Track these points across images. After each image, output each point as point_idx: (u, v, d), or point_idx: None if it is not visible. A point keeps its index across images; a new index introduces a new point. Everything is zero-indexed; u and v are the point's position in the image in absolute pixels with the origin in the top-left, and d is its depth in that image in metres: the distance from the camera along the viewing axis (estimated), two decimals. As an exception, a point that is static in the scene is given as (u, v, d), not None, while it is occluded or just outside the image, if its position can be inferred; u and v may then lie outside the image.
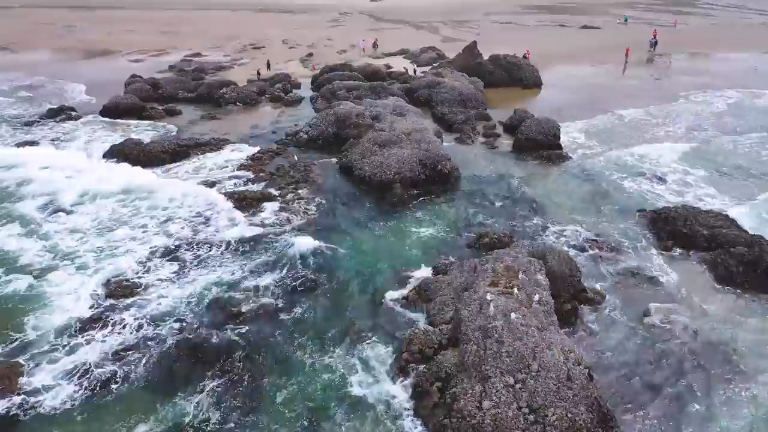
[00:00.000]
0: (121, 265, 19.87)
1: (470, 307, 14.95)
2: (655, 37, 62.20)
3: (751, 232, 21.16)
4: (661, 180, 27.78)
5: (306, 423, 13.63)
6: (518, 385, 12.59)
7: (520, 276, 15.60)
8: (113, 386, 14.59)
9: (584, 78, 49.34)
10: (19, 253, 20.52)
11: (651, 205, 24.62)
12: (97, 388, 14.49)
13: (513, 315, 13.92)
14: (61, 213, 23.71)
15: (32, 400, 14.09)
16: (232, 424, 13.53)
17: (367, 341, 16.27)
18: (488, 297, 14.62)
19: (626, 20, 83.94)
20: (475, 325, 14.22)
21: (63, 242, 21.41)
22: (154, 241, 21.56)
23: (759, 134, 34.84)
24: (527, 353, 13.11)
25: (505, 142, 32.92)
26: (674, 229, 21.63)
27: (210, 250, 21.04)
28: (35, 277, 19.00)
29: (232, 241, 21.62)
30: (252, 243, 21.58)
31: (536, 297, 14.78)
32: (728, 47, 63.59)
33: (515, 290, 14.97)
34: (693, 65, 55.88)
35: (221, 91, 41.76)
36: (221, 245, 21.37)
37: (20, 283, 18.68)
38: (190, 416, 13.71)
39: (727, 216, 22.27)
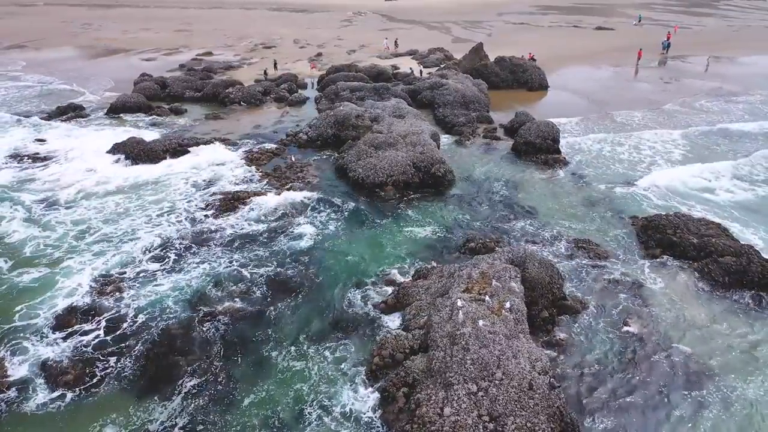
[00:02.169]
0: (114, 260, 20.52)
1: (442, 313, 15.00)
2: (668, 39, 61.28)
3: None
4: (659, 187, 27.40)
5: (275, 426, 13.80)
6: (480, 393, 12.61)
7: (493, 283, 15.59)
8: (93, 385, 14.91)
9: (593, 81, 48.78)
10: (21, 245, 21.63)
11: (644, 212, 24.33)
12: (80, 386, 14.83)
13: (481, 322, 13.94)
14: (57, 210, 24.39)
15: (11, 398, 14.47)
16: (200, 427, 13.73)
17: (342, 344, 16.40)
18: (459, 303, 14.66)
19: (640, 19, 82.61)
20: (444, 332, 14.27)
21: (65, 236, 22.18)
22: (145, 238, 22.12)
23: (762, 138, 34.21)
24: (492, 361, 13.13)
25: (505, 145, 32.80)
26: (664, 236, 21.38)
27: (200, 248, 21.37)
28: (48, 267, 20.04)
29: (223, 240, 21.96)
30: (242, 242, 21.89)
31: (507, 304, 14.75)
32: (744, 50, 62.30)
33: (486, 297, 14.97)
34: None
35: (227, 90, 42.25)
36: (212, 243, 21.71)
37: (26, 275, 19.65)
38: (165, 415, 13.99)
39: (719, 225, 21.93)
